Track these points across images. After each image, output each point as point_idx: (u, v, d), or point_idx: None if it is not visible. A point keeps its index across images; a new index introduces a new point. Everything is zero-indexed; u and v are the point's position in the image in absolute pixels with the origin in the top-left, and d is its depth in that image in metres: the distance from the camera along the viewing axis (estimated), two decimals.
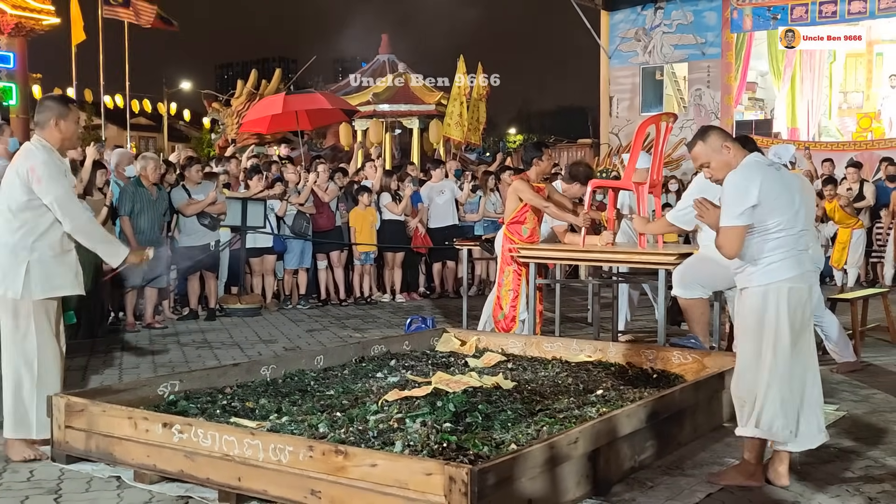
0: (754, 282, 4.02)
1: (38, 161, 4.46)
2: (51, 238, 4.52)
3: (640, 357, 5.90)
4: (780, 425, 4.00)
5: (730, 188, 4.00)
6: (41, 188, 4.44)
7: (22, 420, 4.51)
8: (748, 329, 4.07)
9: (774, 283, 3.98)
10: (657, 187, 6.88)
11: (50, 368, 4.56)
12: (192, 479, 3.95)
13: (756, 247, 3.99)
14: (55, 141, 4.58)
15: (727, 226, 3.96)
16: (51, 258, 4.52)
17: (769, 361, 3.99)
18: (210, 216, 9.62)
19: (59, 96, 4.89)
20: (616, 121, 23.09)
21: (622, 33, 22.96)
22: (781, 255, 3.99)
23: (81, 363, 7.19)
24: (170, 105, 36.44)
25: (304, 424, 4.28)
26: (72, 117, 4.63)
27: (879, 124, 20.12)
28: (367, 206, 11.24)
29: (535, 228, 7.22)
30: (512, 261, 7.12)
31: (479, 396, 4.76)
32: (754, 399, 4.02)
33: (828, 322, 6.78)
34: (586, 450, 3.82)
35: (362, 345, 6.45)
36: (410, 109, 21.12)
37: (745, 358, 4.09)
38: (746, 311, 4.07)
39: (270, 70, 24.24)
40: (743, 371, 4.10)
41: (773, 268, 3.98)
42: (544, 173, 7.27)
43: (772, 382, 3.99)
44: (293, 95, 14.42)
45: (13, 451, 4.51)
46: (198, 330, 9.05)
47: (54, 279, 4.54)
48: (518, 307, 7.12)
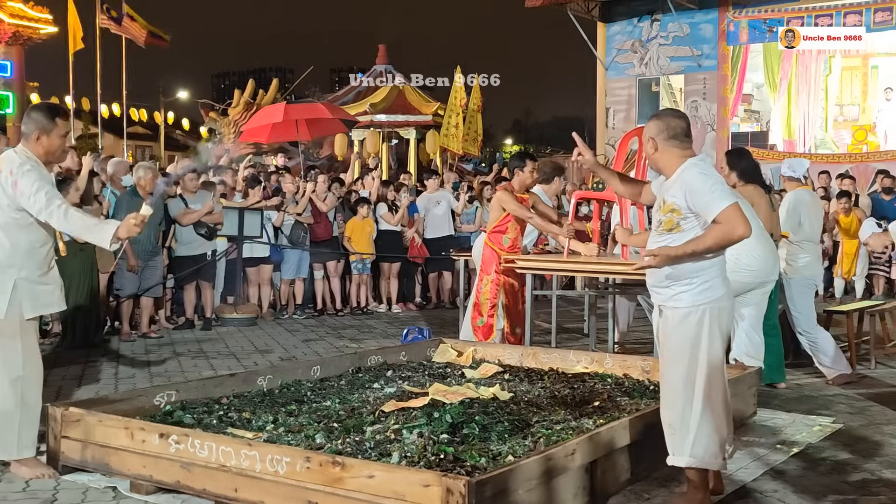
0: (684, 302, 3.78)
1: (22, 173, 4.26)
2: (37, 257, 4.42)
3: (636, 368, 5.90)
4: (712, 453, 3.81)
5: (702, 177, 3.74)
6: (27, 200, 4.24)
7: (6, 441, 4.37)
8: (678, 352, 3.81)
9: (707, 303, 3.76)
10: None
11: (32, 386, 4.46)
12: (189, 490, 3.94)
13: (689, 265, 3.76)
14: (39, 155, 4.40)
15: (728, 204, 3.64)
16: (38, 276, 4.43)
17: (701, 387, 3.76)
18: (207, 226, 9.61)
19: (46, 107, 4.56)
20: (612, 132, 23.16)
21: (619, 45, 23.05)
22: (714, 273, 3.80)
23: (77, 373, 7.17)
24: (166, 114, 36.48)
25: (301, 435, 4.28)
26: (57, 132, 4.41)
27: (875, 137, 20.22)
28: (364, 218, 11.25)
29: (517, 238, 7.22)
30: (491, 270, 7.14)
31: (475, 408, 4.76)
32: (687, 426, 3.80)
33: (822, 339, 6.80)
34: (583, 462, 3.83)
35: (359, 355, 6.44)
36: (407, 120, 21.15)
37: (676, 383, 3.82)
38: (679, 334, 3.80)
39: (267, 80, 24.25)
40: (672, 397, 3.84)
41: (706, 287, 3.77)
42: (526, 184, 7.22)
43: (704, 409, 3.77)
44: (294, 104, 14.43)
45: (23, 470, 4.38)
46: (194, 340, 9.03)
47: (40, 297, 4.46)
48: (496, 316, 7.15)
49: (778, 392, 6.47)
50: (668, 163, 3.88)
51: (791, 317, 6.93)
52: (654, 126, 3.91)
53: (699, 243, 3.72)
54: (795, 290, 6.82)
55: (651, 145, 3.92)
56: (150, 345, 8.65)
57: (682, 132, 3.90)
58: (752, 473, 4.42)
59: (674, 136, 3.87)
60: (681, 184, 3.79)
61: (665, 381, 3.91)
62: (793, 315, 6.89)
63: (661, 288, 3.88)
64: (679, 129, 3.89)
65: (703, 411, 3.79)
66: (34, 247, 4.41)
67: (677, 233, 3.80)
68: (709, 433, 3.80)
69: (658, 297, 3.94)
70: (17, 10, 23.31)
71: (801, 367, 7.30)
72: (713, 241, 3.70)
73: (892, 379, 7.04)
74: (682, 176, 3.80)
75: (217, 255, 10.05)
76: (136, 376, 7.09)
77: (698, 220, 3.76)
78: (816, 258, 6.98)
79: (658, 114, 4.04)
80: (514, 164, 7.29)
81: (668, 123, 3.90)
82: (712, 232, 3.70)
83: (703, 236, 3.73)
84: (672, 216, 3.82)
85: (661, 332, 3.94)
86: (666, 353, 3.90)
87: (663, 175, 3.95)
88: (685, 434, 3.81)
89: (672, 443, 3.88)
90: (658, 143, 3.89)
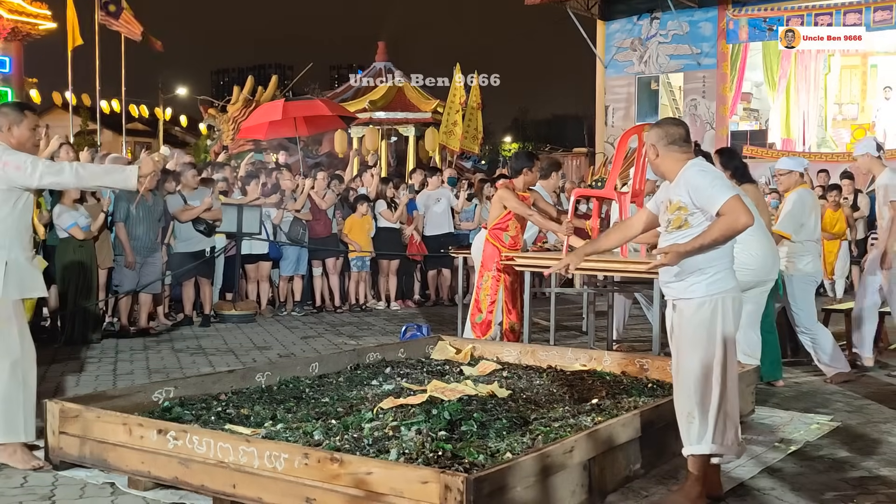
0: (698, 293, 3.91)
1: (7, 154, 4.45)
2: (24, 239, 4.55)
3: (635, 366, 5.90)
4: (731, 439, 3.92)
5: (702, 174, 3.90)
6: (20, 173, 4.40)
7: (12, 423, 4.45)
8: (695, 341, 3.92)
9: (720, 293, 3.91)
10: (640, 197, 6.90)
11: (30, 368, 4.55)
12: (187, 486, 3.94)
13: (700, 257, 3.89)
14: (11, 146, 4.56)
15: (730, 196, 3.78)
16: (24, 259, 4.54)
17: (718, 374, 3.89)
18: (206, 222, 9.61)
19: (15, 103, 4.92)
20: (612, 130, 23.15)
21: (618, 43, 23.05)
22: (725, 265, 3.95)
23: (75, 368, 7.16)
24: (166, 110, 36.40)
25: (299, 432, 4.28)
26: (26, 124, 4.61)
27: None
28: (363, 215, 11.25)
29: (518, 236, 7.25)
30: (492, 266, 7.16)
31: (474, 405, 4.76)
32: (706, 414, 3.89)
33: (822, 336, 6.80)
34: (581, 459, 3.83)
35: (357, 352, 6.44)
36: (406, 117, 21.14)
37: (694, 371, 3.92)
38: (694, 324, 3.93)
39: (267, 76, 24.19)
40: (691, 386, 3.93)
41: (718, 278, 3.91)
42: (531, 184, 7.29)
43: (722, 396, 3.89)
44: (292, 102, 14.43)
45: (16, 458, 4.43)
46: (192, 336, 9.03)
47: (27, 280, 4.56)
48: (495, 312, 7.16)
49: (776, 390, 6.48)
50: (670, 167, 4.04)
51: (791, 314, 6.94)
52: (655, 134, 4.10)
53: (706, 237, 3.85)
54: (797, 287, 6.83)
55: (653, 152, 4.10)
56: (148, 341, 8.64)
57: (681, 138, 4.08)
58: (750, 471, 4.42)
59: (673, 141, 4.05)
60: (684, 182, 3.95)
61: (682, 372, 3.99)
62: (793, 312, 6.89)
63: (675, 283, 3.99)
64: (678, 135, 4.08)
65: (722, 398, 3.90)
66: (20, 229, 4.51)
67: (686, 229, 3.94)
68: (726, 420, 3.91)
69: (671, 293, 4.05)
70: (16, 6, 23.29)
71: (800, 366, 7.32)
72: (719, 232, 3.83)
73: (889, 377, 7.05)
74: (684, 175, 3.97)
75: (216, 252, 10.04)
76: (135, 372, 7.09)
77: (704, 215, 3.89)
78: (817, 256, 6.98)
79: (658, 122, 4.25)
80: (522, 163, 7.28)
81: (667, 131, 4.09)
82: (717, 224, 3.83)
83: (709, 230, 3.85)
84: (679, 213, 3.97)
85: (676, 326, 4.04)
86: (682, 344, 4.00)
87: (667, 179, 4.11)
88: (704, 422, 3.90)
89: (691, 432, 3.95)
90: (659, 150, 4.07)
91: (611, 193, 6.86)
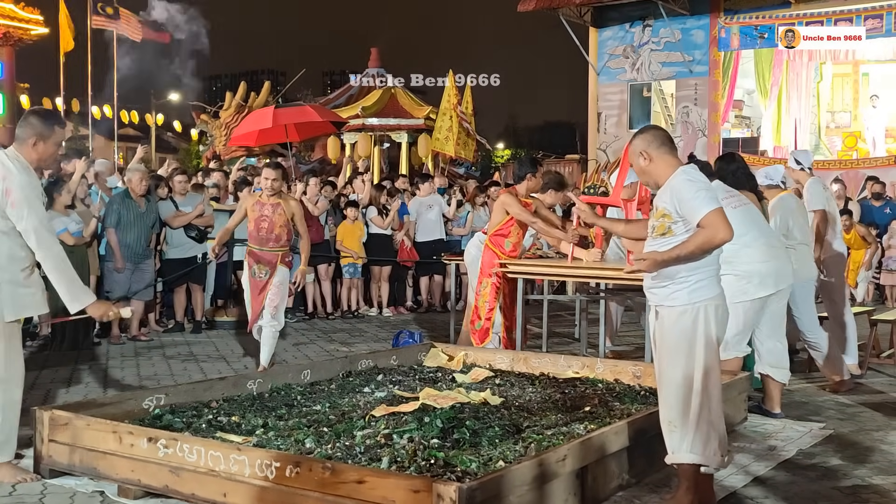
0: (680, 300, 3.88)
1: (14, 184, 4.27)
2: (20, 259, 4.39)
3: (627, 373, 5.90)
4: (712, 449, 3.88)
5: (688, 183, 3.85)
6: (16, 213, 4.28)
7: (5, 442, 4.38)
8: (676, 349, 3.90)
9: (702, 301, 3.87)
10: (645, 204, 6.89)
11: (16, 387, 4.43)
12: (177, 495, 3.91)
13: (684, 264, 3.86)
14: (31, 161, 4.42)
15: (711, 209, 3.76)
16: (22, 279, 4.40)
17: (699, 383, 3.85)
18: (197, 228, 9.58)
19: (45, 113, 4.59)
20: (604, 137, 23.21)
21: (610, 50, 23.11)
22: (709, 272, 3.91)
23: (65, 376, 7.12)
24: (157, 116, 36.34)
25: (291, 439, 4.26)
26: (54, 139, 4.45)
27: (864, 144, 20.30)
28: (354, 221, 11.23)
29: (518, 242, 7.24)
30: (492, 273, 7.14)
31: (466, 412, 4.75)
32: (687, 423, 3.87)
33: (823, 341, 6.78)
34: (574, 467, 3.82)
35: (349, 359, 6.42)
36: (399, 123, 21.12)
37: (675, 380, 3.90)
38: (676, 332, 3.90)
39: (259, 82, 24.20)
40: (672, 394, 3.91)
41: (701, 286, 3.87)
42: (534, 190, 7.29)
43: (703, 405, 3.85)
44: (282, 109, 14.36)
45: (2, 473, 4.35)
46: (183, 343, 8.99)
47: (24, 299, 4.43)
48: (493, 320, 7.14)
49: None
50: (662, 171, 3.99)
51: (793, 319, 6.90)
52: (643, 140, 4.04)
53: (683, 248, 3.83)
54: (797, 292, 6.79)
55: (644, 158, 4.02)
56: (139, 348, 8.60)
57: (668, 139, 4.06)
58: (743, 479, 4.41)
59: (663, 143, 4.02)
60: (670, 190, 3.92)
61: (664, 380, 3.97)
62: (795, 317, 6.85)
63: (658, 288, 3.96)
64: (664, 136, 4.08)
65: (702, 407, 3.86)
66: (19, 249, 4.38)
67: (669, 237, 3.91)
68: (708, 429, 3.87)
69: (654, 298, 4.02)
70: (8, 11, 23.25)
71: (793, 373, 7.30)
72: (695, 245, 3.81)
73: (882, 385, 7.06)
74: (672, 183, 3.93)
75: (207, 258, 10.00)
76: (125, 379, 7.05)
77: (687, 224, 3.86)
78: (810, 258, 6.96)
79: (640, 130, 4.18)
80: (525, 169, 7.26)
81: (654, 135, 4.06)
82: (695, 237, 3.81)
83: (688, 241, 3.83)
84: (664, 221, 3.94)
85: (658, 333, 4.02)
86: (664, 352, 3.98)
87: (659, 186, 4.04)
88: (685, 431, 3.88)
89: (672, 441, 3.93)
90: (651, 154, 4.00)
91: (617, 201, 6.83)
